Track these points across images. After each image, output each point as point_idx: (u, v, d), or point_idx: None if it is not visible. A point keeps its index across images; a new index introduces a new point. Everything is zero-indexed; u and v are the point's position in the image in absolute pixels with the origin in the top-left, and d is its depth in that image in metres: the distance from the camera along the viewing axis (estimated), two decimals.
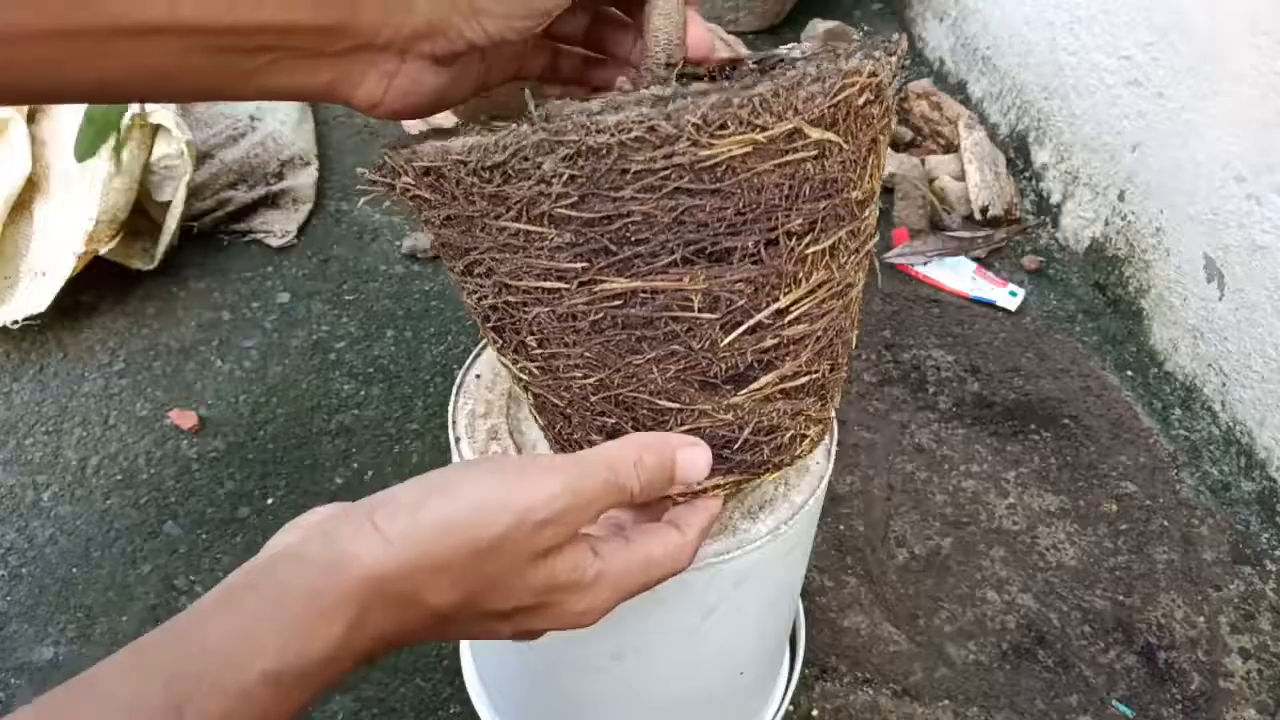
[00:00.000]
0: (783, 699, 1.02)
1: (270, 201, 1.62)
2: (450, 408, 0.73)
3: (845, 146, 0.38)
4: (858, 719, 1.05)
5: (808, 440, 0.54)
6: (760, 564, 0.74)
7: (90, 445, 1.27)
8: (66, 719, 0.29)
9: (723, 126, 0.35)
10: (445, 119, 1.30)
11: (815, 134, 0.36)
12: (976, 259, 1.63)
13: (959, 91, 1.95)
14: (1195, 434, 1.37)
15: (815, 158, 0.37)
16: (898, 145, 1.85)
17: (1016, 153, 1.78)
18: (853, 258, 0.43)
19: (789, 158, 0.36)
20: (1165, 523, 1.26)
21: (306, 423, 1.31)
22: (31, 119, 1.46)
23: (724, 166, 0.36)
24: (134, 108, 1.35)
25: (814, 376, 0.47)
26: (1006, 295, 1.56)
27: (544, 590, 0.37)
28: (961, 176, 1.74)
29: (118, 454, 1.26)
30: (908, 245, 1.62)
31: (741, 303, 0.40)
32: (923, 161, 1.79)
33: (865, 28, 2.25)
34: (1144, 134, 1.46)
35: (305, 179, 1.67)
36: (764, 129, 0.35)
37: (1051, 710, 1.07)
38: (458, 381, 0.75)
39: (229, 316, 1.46)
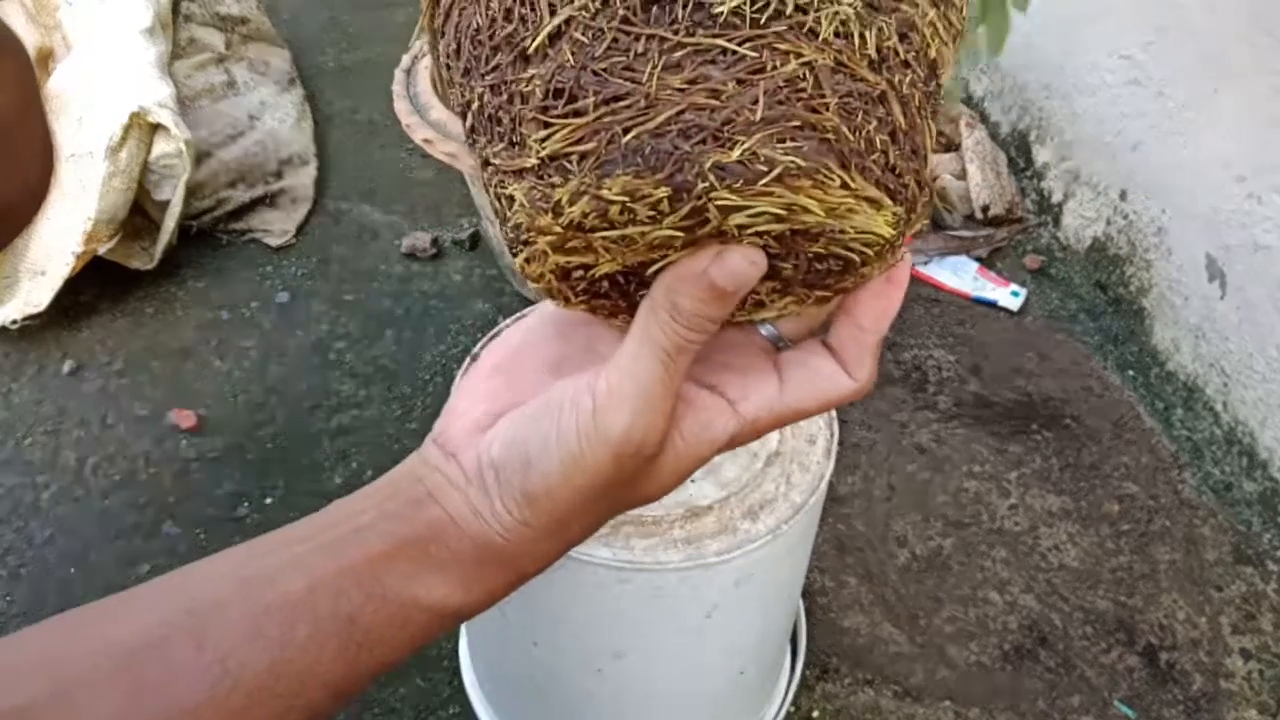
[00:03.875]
0: (784, 699, 1.02)
1: (269, 201, 1.62)
2: None
3: None
4: None
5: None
6: (761, 564, 0.74)
7: (89, 445, 1.27)
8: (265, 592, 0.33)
9: None
10: (448, 121, 1.29)
11: None
12: (978, 258, 1.62)
13: (959, 91, 1.95)
14: (1197, 434, 1.37)
15: None
16: None
17: (1018, 152, 1.78)
18: None
19: None
20: (1167, 523, 1.26)
21: (306, 423, 1.31)
22: None
23: None
24: (134, 106, 1.35)
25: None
26: (1008, 295, 1.55)
27: (676, 475, 0.36)
28: (963, 175, 1.74)
29: (117, 454, 1.26)
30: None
31: None
32: None
33: None
34: (1145, 133, 1.46)
35: (304, 178, 1.67)
36: None
37: (1053, 711, 1.06)
38: (457, 381, 0.74)
39: (228, 316, 1.46)
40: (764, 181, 0.29)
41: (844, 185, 0.30)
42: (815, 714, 1.04)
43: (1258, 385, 1.28)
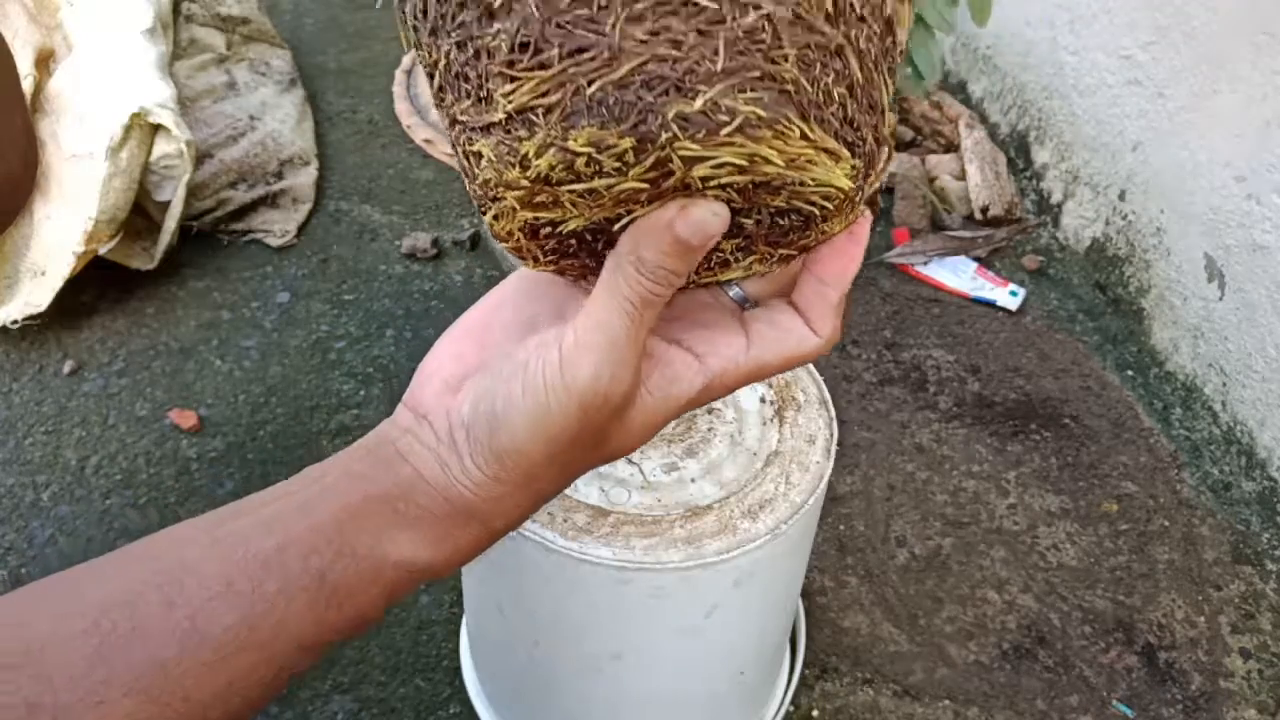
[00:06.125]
0: (783, 699, 1.02)
1: (270, 201, 1.62)
2: None
3: None
4: (858, 719, 1.05)
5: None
6: (761, 563, 0.74)
7: (90, 445, 1.27)
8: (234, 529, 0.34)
9: None
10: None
11: None
12: (977, 259, 1.63)
13: (959, 91, 1.95)
14: (1196, 434, 1.37)
15: None
16: (898, 145, 1.85)
17: (1017, 152, 1.78)
18: None
19: None
20: (1166, 523, 1.26)
21: (306, 422, 1.31)
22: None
23: None
24: (135, 106, 1.35)
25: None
26: (1007, 295, 1.55)
27: (644, 430, 0.36)
28: (962, 176, 1.74)
29: (117, 454, 1.26)
30: (908, 245, 1.62)
31: None
32: (923, 161, 1.79)
33: None
34: (1145, 133, 1.46)
35: (305, 178, 1.67)
36: None
37: (1052, 710, 1.07)
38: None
39: (229, 316, 1.46)
40: (726, 131, 0.29)
41: (803, 136, 0.30)
42: (815, 713, 1.05)
43: (1256, 385, 1.29)
